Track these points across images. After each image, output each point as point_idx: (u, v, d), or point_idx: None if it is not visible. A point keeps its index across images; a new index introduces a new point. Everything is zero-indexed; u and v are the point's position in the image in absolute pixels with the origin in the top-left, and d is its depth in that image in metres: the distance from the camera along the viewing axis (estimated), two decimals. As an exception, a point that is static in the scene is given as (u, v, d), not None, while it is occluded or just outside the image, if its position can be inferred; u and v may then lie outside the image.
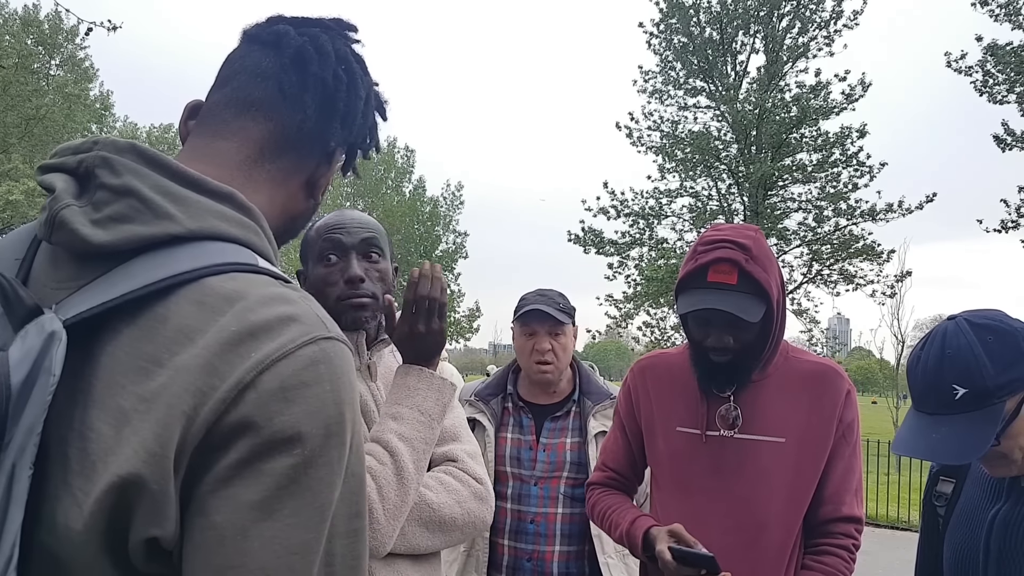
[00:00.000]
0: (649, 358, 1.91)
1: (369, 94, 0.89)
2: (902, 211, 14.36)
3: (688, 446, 1.72)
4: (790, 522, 1.66)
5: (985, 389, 1.19)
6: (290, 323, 0.65)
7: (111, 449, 0.60)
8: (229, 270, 0.67)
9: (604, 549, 2.18)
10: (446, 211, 26.40)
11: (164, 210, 0.68)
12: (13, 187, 16.48)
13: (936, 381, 1.24)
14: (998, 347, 1.22)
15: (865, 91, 14.49)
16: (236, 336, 0.62)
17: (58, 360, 0.60)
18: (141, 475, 0.59)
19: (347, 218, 1.50)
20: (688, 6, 15.26)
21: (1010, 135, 12.81)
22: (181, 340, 0.62)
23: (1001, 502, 1.28)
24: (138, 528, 0.60)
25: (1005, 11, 12.36)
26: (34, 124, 18.17)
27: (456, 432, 1.49)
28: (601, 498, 1.88)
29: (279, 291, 0.68)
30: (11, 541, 0.57)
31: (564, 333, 2.30)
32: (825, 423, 1.66)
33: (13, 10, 19.14)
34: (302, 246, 1.54)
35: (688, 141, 15.38)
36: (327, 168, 0.88)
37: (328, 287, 1.44)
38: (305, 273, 1.51)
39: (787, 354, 1.74)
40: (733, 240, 1.59)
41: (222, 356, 0.62)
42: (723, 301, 1.55)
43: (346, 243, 1.46)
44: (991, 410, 1.20)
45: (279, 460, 0.61)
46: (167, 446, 0.60)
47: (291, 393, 0.62)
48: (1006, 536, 1.25)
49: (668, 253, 15.41)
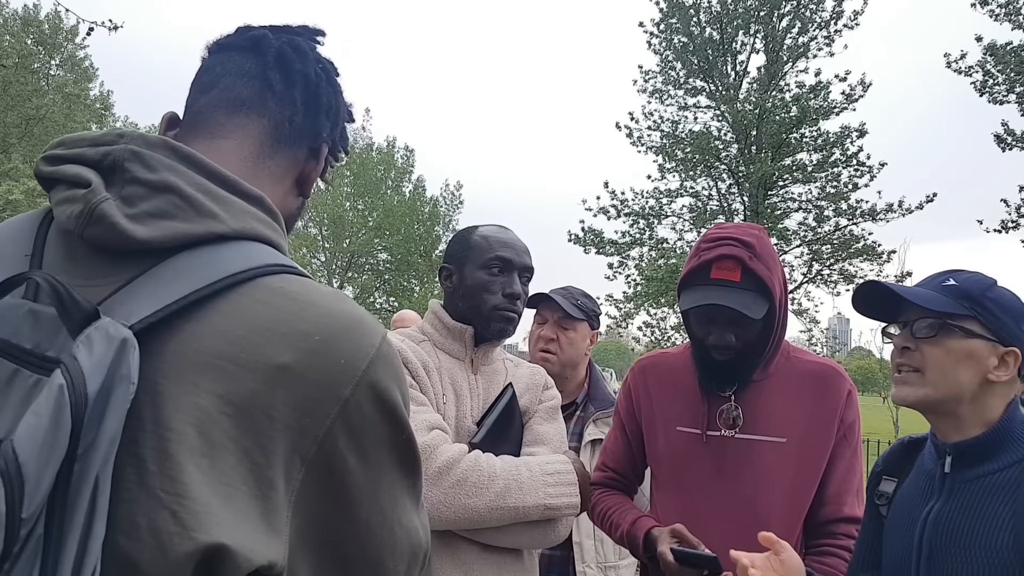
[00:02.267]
0: (649, 358, 1.91)
1: (341, 94, 0.92)
2: (902, 211, 14.36)
3: (688, 446, 1.72)
4: (791, 522, 1.66)
5: (970, 293, 1.26)
6: (361, 325, 0.69)
7: (198, 450, 0.58)
8: (280, 271, 0.68)
9: (584, 559, 2.17)
10: (446, 211, 26.37)
11: (208, 209, 0.67)
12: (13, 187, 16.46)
13: (939, 274, 1.32)
14: (1008, 296, 1.28)
15: (865, 91, 14.50)
16: (320, 345, 0.65)
17: (135, 368, 0.58)
18: (244, 481, 0.59)
19: (516, 239, 1.71)
20: (688, 6, 15.26)
21: (1010, 135, 12.81)
22: (257, 340, 0.62)
23: (934, 500, 1.29)
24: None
25: (1005, 11, 12.36)
26: (34, 124, 18.15)
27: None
28: (601, 498, 1.87)
29: (334, 292, 0.72)
30: (96, 554, 0.55)
31: (574, 329, 2.31)
32: (826, 423, 1.66)
33: (13, 10, 19.14)
34: (458, 246, 1.71)
35: (688, 141, 15.37)
36: (315, 164, 0.89)
37: (487, 294, 1.63)
38: (457, 272, 1.68)
39: (788, 354, 1.73)
40: (737, 238, 1.59)
41: (314, 367, 0.64)
42: (726, 297, 1.55)
43: (515, 262, 1.66)
44: (958, 306, 1.25)
45: (385, 449, 0.69)
46: (271, 457, 0.61)
47: (384, 394, 0.68)
48: (936, 534, 1.26)
49: (668, 253, 15.40)
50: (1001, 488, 1.22)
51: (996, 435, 1.24)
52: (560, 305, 2.27)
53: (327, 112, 0.87)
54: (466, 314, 1.66)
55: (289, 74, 0.83)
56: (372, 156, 26.16)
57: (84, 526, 0.54)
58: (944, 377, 1.25)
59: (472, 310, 1.65)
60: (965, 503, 1.24)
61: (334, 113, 0.88)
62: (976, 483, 1.24)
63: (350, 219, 25.41)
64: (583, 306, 2.33)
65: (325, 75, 0.87)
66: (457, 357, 1.67)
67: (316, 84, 0.85)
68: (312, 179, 0.90)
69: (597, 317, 2.39)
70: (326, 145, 0.90)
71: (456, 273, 1.68)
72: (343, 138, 0.94)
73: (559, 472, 1.59)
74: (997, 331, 1.24)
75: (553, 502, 1.55)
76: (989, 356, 1.24)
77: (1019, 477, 1.21)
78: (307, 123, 0.85)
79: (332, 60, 0.91)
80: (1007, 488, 1.21)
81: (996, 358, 1.24)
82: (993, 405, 1.26)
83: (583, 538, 2.14)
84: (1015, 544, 1.16)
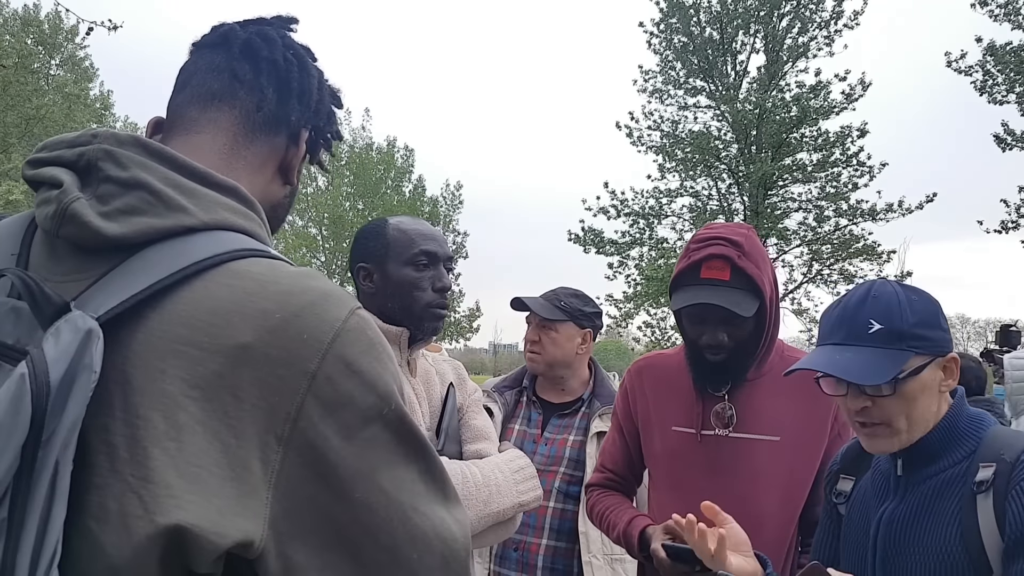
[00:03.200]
0: (646, 359, 1.92)
1: (321, 78, 0.91)
2: (902, 211, 14.38)
3: (684, 445, 1.72)
4: (786, 521, 1.67)
5: (900, 331, 1.22)
6: (328, 300, 0.67)
7: (165, 435, 0.59)
8: (249, 255, 0.69)
9: (590, 548, 2.19)
10: (446, 211, 26.39)
11: (177, 203, 0.69)
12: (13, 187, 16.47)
13: (854, 315, 1.26)
14: (921, 306, 1.25)
15: (865, 91, 14.52)
16: (283, 322, 0.64)
17: (98, 357, 0.60)
18: (216, 464, 0.60)
19: (434, 230, 1.61)
20: (688, 6, 15.27)
21: (1010, 135, 12.83)
22: (218, 322, 0.63)
23: (889, 500, 1.29)
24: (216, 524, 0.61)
25: (1005, 11, 12.37)
26: (34, 124, 18.17)
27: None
28: (600, 499, 1.88)
29: (301, 269, 0.71)
30: (55, 537, 0.57)
31: (555, 329, 2.35)
32: (820, 422, 1.67)
33: (13, 10, 19.15)
34: (373, 242, 1.59)
35: (688, 141, 15.39)
36: (296, 149, 0.89)
37: (418, 291, 1.54)
38: (377, 270, 1.57)
39: (782, 353, 1.74)
40: (725, 237, 1.60)
41: (276, 343, 0.63)
42: (716, 296, 1.56)
43: (439, 254, 1.57)
44: (898, 354, 1.21)
45: (374, 426, 0.66)
46: (242, 437, 0.61)
47: (355, 366, 0.66)
48: (890, 535, 1.26)
49: (668, 253, 15.42)
50: (949, 486, 1.22)
51: (941, 433, 1.25)
52: (535, 310, 2.33)
53: (300, 96, 0.86)
54: (396, 315, 1.55)
55: (256, 63, 0.84)
56: (372, 156, 26.17)
57: (44, 510, 0.56)
58: (911, 418, 1.24)
59: (403, 310, 1.55)
60: (917, 503, 1.24)
61: (308, 97, 0.87)
62: (926, 483, 1.24)
63: (350, 219, 25.43)
64: (566, 306, 2.35)
65: (297, 60, 0.86)
66: None
67: (286, 70, 0.85)
68: (294, 166, 0.89)
69: (588, 316, 2.40)
70: (306, 130, 0.90)
71: (377, 272, 1.57)
72: (329, 122, 0.93)
73: (523, 468, 1.61)
74: (934, 349, 1.24)
75: (524, 498, 1.58)
76: (935, 374, 1.24)
77: (964, 473, 1.21)
78: (280, 109, 0.85)
79: (307, 46, 0.90)
80: (953, 486, 1.21)
81: (940, 370, 1.25)
82: (943, 408, 1.27)
83: (589, 528, 2.16)
84: (962, 541, 1.16)
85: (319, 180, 26.16)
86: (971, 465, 1.20)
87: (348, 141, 26.22)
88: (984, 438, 1.23)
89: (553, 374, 2.40)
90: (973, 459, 1.21)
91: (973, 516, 1.16)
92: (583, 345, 2.40)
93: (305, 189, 25.50)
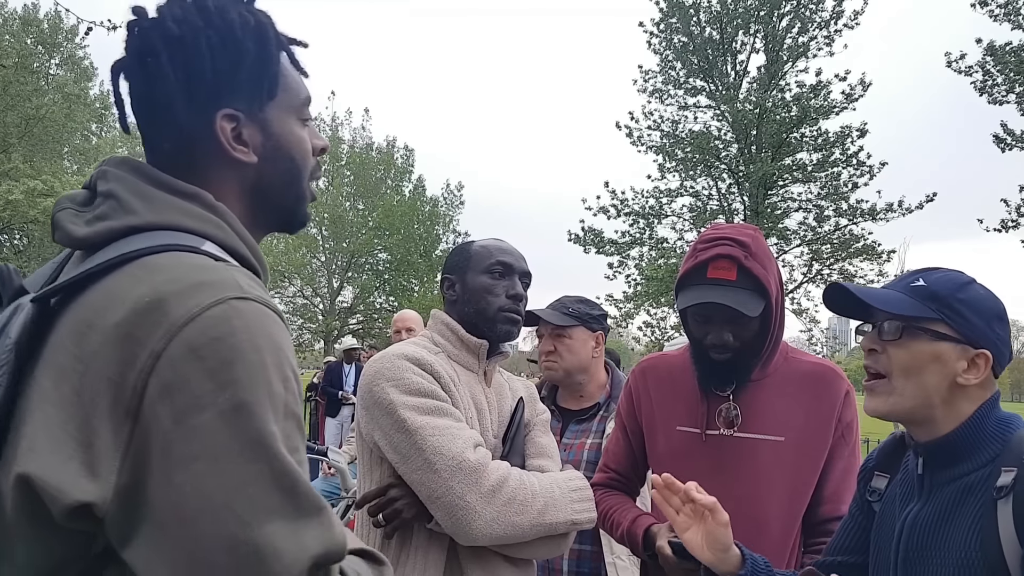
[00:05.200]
0: (650, 359, 1.92)
1: (260, 36, 0.87)
2: (902, 211, 14.38)
3: (688, 445, 1.73)
4: (789, 521, 1.67)
5: (938, 294, 1.22)
6: (201, 288, 0.70)
7: (48, 400, 0.68)
8: (168, 250, 0.75)
9: (613, 550, 2.19)
10: (446, 211, 26.38)
11: (131, 207, 0.79)
12: (13, 187, 16.47)
13: (910, 275, 1.28)
14: (981, 297, 1.24)
15: (865, 91, 14.52)
16: (149, 305, 0.69)
17: (16, 326, 0.73)
18: (78, 428, 0.67)
19: (513, 247, 1.77)
20: (688, 6, 15.27)
21: (1010, 135, 12.83)
22: (108, 306, 0.71)
23: (914, 502, 1.26)
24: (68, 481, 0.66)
25: (1005, 11, 12.37)
26: (34, 124, 18.17)
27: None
28: (603, 498, 1.88)
29: (203, 263, 0.75)
30: None
31: (569, 336, 2.36)
32: (824, 423, 1.67)
33: (13, 10, 19.14)
34: (458, 257, 1.75)
35: (688, 140, 15.39)
36: (246, 117, 0.87)
37: (491, 296, 1.67)
38: (459, 280, 1.71)
39: (787, 354, 1.74)
40: (732, 238, 1.60)
41: (139, 324, 0.68)
42: (722, 296, 1.56)
43: (515, 267, 1.71)
44: (924, 308, 1.22)
45: (205, 413, 0.66)
46: (98, 407, 0.67)
47: (202, 351, 0.67)
48: (912, 537, 1.23)
49: (668, 253, 15.42)
50: (971, 490, 1.18)
51: (965, 434, 1.20)
52: (546, 319, 2.35)
53: (215, 72, 0.84)
54: (472, 318, 1.68)
55: (154, 55, 0.83)
56: (372, 156, 26.15)
57: None
58: (910, 381, 1.22)
59: (478, 314, 1.68)
60: (940, 506, 1.21)
61: (229, 62, 0.84)
62: (951, 485, 1.21)
63: (350, 219, 25.41)
64: (575, 312, 2.39)
65: (206, 21, 0.83)
66: (471, 370, 1.70)
67: (193, 47, 0.82)
68: (245, 133, 0.87)
69: (596, 319, 2.43)
70: (248, 96, 0.87)
71: (458, 282, 1.71)
72: (272, 82, 0.88)
73: (580, 488, 1.67)
74: (966, 333, 1.20)
75: (578, 517, 1.62)
76: (957, 359, 1.20)
77: (987, 478, 1.16)
78: (199, 88, 0.84)
79: (217, 8, 0.85)
80: (976, 490, 1.17)
81: (965, 361, 1.20)
82: (965, 407, 1.21)
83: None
84: (982, 548, 1.12)
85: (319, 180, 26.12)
86: (994, 469, 1.15)
87: (348, 141, 26.20)
88: (1010, 441, 1.17)
89: (572, 381, 2.41)
90: (996, 463, 1.16)
91: (993, 522, 1.12)
92: (597, 348, 2.42)
93: (305, 189, 25.41)
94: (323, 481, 4.66)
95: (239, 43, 0.85)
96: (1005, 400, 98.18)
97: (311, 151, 0.96)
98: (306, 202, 0.97)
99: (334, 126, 26.35)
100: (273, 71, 0.89)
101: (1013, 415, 1.23)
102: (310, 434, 11.58)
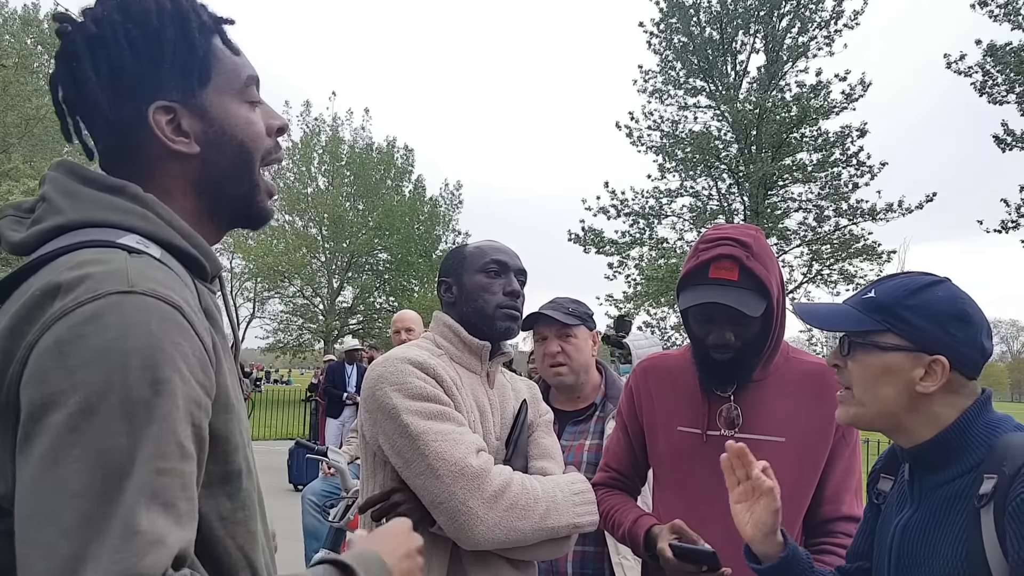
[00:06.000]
0: (651, 359, 1.92)
1: (181, 22, 0.85)
2: (902, 211, 14.39)
3: (689, 446, 1.72)
4: (790, 521, 1.66)
5: (885, 304, 1.20)
6: (83, 281, 0.69)
7: None
8: (83, 247, 0.74)
9: (619, 550, 2.19)
10: (446, 211, 26.40)
11: (58, 206, 0.79)
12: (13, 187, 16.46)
13: (869, 286, 1.29)
14: (936, 301, 1.19)
15: (865, 91, 14.53)
16: (34, 299, 0.69)
17: None
18: None
19: (507, 247, 1.77)
20: (688, 6, 15.28)
21: (1010, 135, 12.83)
22: (10, 308, 0.72)
23: (906, 508, 1.25)
24: None
25: (1005, 11, 12.37)
26: (34, 124, 18.16)
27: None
28: (604, 498, 1.88)
29: (98, 256, 0.73)
30: None
31: (574, 335, 2.34)
32: (825, 424, 1.66)
33: (13, 10, 19.15)
34: (453, 259, 1.76)
35: (688, 141, 15.40)
36: (182, 106, 0.85)
37: (488, 294, 1.68)
38: (455, 282, 1.72)
39: (787, 355, 1.74)
40: (734, 238, 1.60)
41: (25, 318, 0.69)
42: (724, 296, 1.56)
43: (510, 264, 1.72)
44: (870, 322, 1.21)
45: (57, 412, 0.64)
46: (3, 404, 0.68)
47: (66, 347, 0.66)
48: (903, 543, 1.22)
49: (668, 253, 15.43)
50: (958, 497, 1.16)
51: (947, 439, 1.18)
52: (553, 318, 2.32)
53: (136, 63, 0.82)
54: (471, 319, 1.69)
55: (77, 58, 0.82)
56: (372, 156, 26.17)
57: None
58: (868, 393, 1.21)
59: (476, 313, 1.68)
60: (929, 513, 1.20)
61: (151, 54, 0.83)
62: (937, 492, 1.19)
63: (350, 219, 25.42)
64: (575, 311, 2.37)
65: (125, 18, 0.82)
66: (473, 371, 1.70)
67: (113, 44, 0.81)
68: (184, 123, 0.85)
69: (591, 318, 2.42)
70: (180, 81, 0.85)
71: (455, 284, 1.72)
72: (204, 64, 0.86)
73: (583, 491, 1.67)
74: (916, 340, 1.17)
75: (580, 520, 1.63)
76: (912, 367, 1.17)
77: (971, 485, 1.14)
78: (124, 84, 0.82)
79: (137, 1, 0.83)
80: (962, 497, 1.15)
81: (922, 368, 1.17)
82: (942, 413, 1.18)
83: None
84: (967, 558, 1.10)
85: (319, 180, 26.14)
86: (978, 476, 1.13)
87: (348, 141, 26.22)
88: (994, 446, 1.13)
89: (577, 382, 2.37)
90: (980, 469, 1.13)
91: (977, 531, 1.09)
92: (594, 347, 2.41)
93: (305, 189, 25.49)
94: (323, 481, 4.66)
95: (158, 32, 0.83)
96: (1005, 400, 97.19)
97: (263, 132, 0.92)
98: (261, 191, 0.93)
99: (334, 126, 26.39)
100: (201, 55, 0.86)
101: (1005, 417, 1.19)
102: (310, 434, 11.58)
